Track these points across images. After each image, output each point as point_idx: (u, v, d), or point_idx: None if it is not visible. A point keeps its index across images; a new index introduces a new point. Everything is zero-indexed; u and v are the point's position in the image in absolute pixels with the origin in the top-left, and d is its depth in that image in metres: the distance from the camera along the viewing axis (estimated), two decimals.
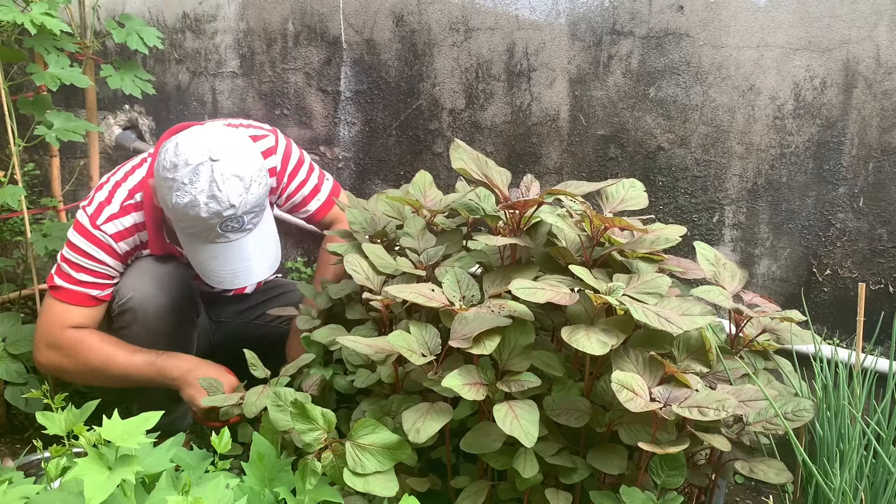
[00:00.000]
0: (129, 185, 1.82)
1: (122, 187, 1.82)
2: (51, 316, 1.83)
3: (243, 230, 1.67)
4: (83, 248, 1.80)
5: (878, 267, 1.96)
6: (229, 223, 1.63)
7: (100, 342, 1.82)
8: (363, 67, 2.34)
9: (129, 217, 1.81)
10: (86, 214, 1.81)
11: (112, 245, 1.81)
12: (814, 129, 1.94)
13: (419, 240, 1.69)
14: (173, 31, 2.54)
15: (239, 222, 1.64)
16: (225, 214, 1.60)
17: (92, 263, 1.81)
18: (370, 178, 2.43)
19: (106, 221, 1.79)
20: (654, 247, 1.50)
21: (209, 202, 1.58)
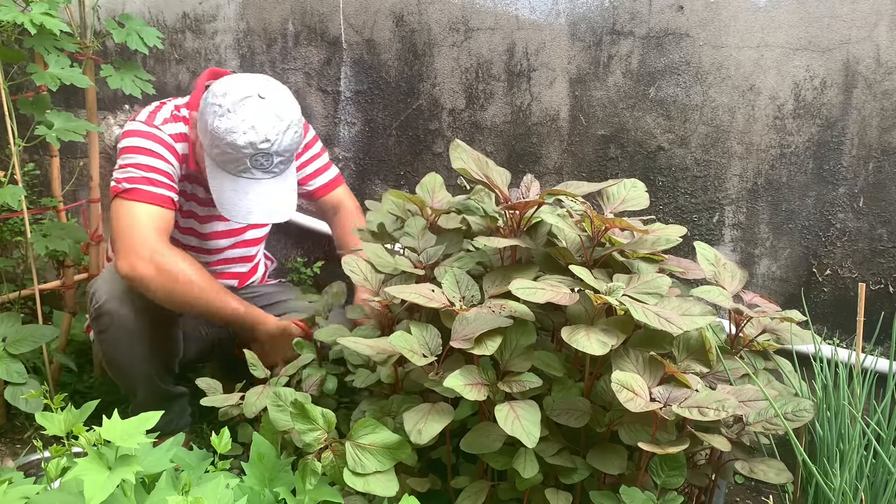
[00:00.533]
0: (175, 102, 1.90)
1: (169, 103, 1.89)
2: (138, 221, 1.76)
3: (270, 171, 1.74)
4: (149, 148, 1.80)
5: (878, 267, 1.96)
6: (259, 158, 1.70)
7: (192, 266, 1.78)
8: (363, 67, 2.34)
9: (179, 124, 1.86)
10: (138, 121, 1.83)
11: (174, 145, 1.84)
12: (814, 129, 1.94)
13: (419, 239, 1.69)
14: (173, 31, 2.54)
15: (268, 160, 1.71)
16: (259, 147, 1.69)
17: (161, 163, 1.81)
18: (370, 178, 2.43)
19: (163, 123, 1.84)
20: (654, 247, 1.50)
21: (248, 131, 1.67)
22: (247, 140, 1.68)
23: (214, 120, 1.69)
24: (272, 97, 1.72)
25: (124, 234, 1.76)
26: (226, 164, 1.73)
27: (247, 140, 1.68)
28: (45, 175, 2.75)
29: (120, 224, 1.77)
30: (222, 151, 1.70)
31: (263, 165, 1.72)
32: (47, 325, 2.12)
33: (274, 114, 1.70)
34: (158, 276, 1.74)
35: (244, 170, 1.72)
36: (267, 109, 1.70)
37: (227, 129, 1.68)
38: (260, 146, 1.69)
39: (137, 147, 1.80)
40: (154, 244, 1.75)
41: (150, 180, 1.78)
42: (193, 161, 1.88)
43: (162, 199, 1.80)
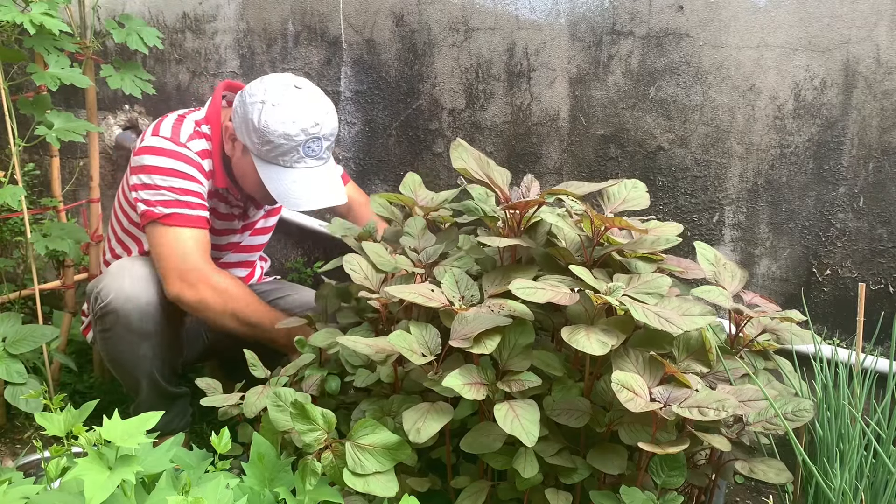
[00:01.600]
0: (194, 118, 1.91)
1: (189, 118, 1.91)
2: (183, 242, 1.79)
3: (319, 157, 1.80)
4: (180, 171, 1.82)
5: (878, 267, 1.96)
6: (311, 144, 1.77)
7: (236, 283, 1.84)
8: (363, 67, 2.34)
9: (202, 140, 1.88)
10: (163, 137, 1.84)
11: (200, 163, 1.86)
12: (814, 129, 1.94)
13: (419, 239, 1.69)
14: (173, 31, 2.54)
15: (318, 145, 1.78)
16: (311, 131, 1.75)
17: (193, 185, 1.83)
18: (370, 178, 2.43)
19: (189, 139, 1.86)
20: (654, 247, 1.50)
21: (297, 118, 1.74)
22: (299, 127, 1.74)
23: (262, 116, 1.73)
24: (306, 87, 1.81)
25: (174, 261, 1.79)
26: (279, 158, 1.76)
27: (299, 127, 1.74)
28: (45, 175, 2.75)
29: (166, 251, 1.80)
30: (275, 145, 1.74)
31: (315, 151, 1.78)
32: (47, 325, 2.12)
33: (315, 100, 1.78)
34: (217, 297, 1.79)
35: (298, 159, 1.77)
36: (307, 97, 1.78)
37: (277, 120, 1.73)
38: (311, 131, 1.75)
39: (169, 169, 1.81)
40: (205, 268, 1.80)
41: (187, 203, 1.81)
42: (222, 177, 1.91)
43: (200, 220, 1.83)
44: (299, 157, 1.78)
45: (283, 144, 1.75)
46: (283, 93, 1.76)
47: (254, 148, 1.78)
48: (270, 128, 1.73)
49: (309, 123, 1.75)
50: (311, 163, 1.80)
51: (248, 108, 1.77)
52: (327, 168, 1.85)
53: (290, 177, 1.79)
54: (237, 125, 1.80)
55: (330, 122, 1.79)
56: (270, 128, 1.73)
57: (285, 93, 1.76)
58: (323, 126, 1.77)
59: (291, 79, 1.81)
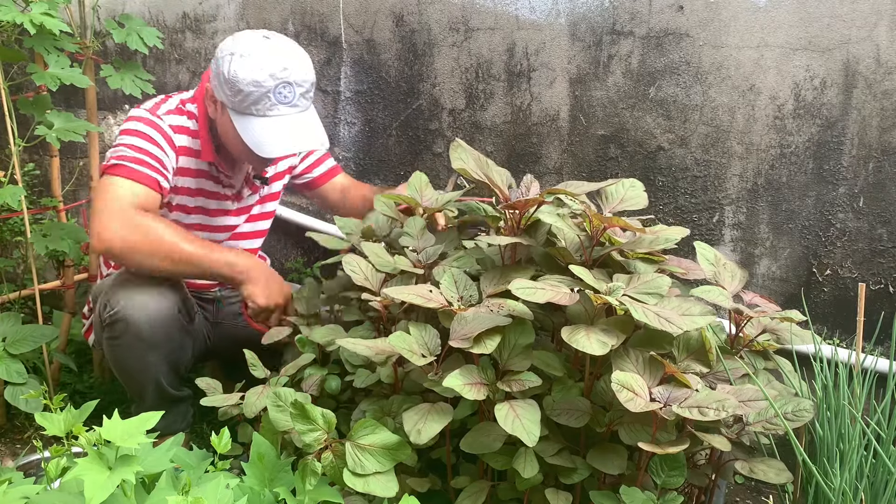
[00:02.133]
0: (181, 96, 1.94)
1: (176, 96, 1.94)
2: (115, 192, 1.78)
3: (293, 104, 1.79)
4: (145, 133, 1.84)
5: (878, 267, 1.96)
6: (282, 90, 1.76)
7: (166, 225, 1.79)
8: (363, 67, 2.34)
9: (184, 117, 1.90)
10: (143, 109, 1.88)
11: (172, 136, 1.87)
12: (814, 129, 1.94)
13: (419, 239, 1.69)
14: (173, 31, 2.54)
15: (290, 91, 1.77)
16: (280, 76, 1.74)
17: (154, 148, 1.83)
18: (370, 178, 2.43)
19: (166, 113, 1.88)
20: (653, 247, 1.50)
21: (264, 65, 1.74)
22: (267, 73, 1.74)
23: (231, 66, 1.75)
24: (276, 37, 1.82)
25: (101, 211, 1.76)
26: (251, 107, 1.77)
27: (267, 73, 1.74)
28: (45, 175, 2.75)
29: (100, 198, 1.79)
30: (246, 93, 1.75)
31: (287, 98, 1.77)
32: (47, 325, 2.12)
33: (284, 47, 1.79)
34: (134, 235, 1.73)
35: (270, 106, 1.77)
36: (276, 45, 1.79)
37: (247, 69, 1.74)
38: (280, 75, 1.74)
39: (134, 130, 1.84)
40: (128, 210, 1.75)
41: (138, 160, 1.81)
42: (209, 152, 1.92)
43: (147, 178, 1.80)
44: (271, 104, 1.77)
45: (252, 92, 1.75)
46: (253, 43, 1.77)
47: (228, 101, 1.79)
48: (239, 76, 1.74)
49: (277, 68, 1.75)
50: (285, 110, 1.79)
51: (219, 62, 1.78)
52: (303, 115, 1.83)
53: (261, 124, 1.78)
54: (213, 83, 1.82)
55: (300, 67, 1.79)
56: (239, 76, 1.74)
57: (254, 43, 1.77)
58: (292, 70, 1.76)
59: (262, 32, 1.82)
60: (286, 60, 1.77)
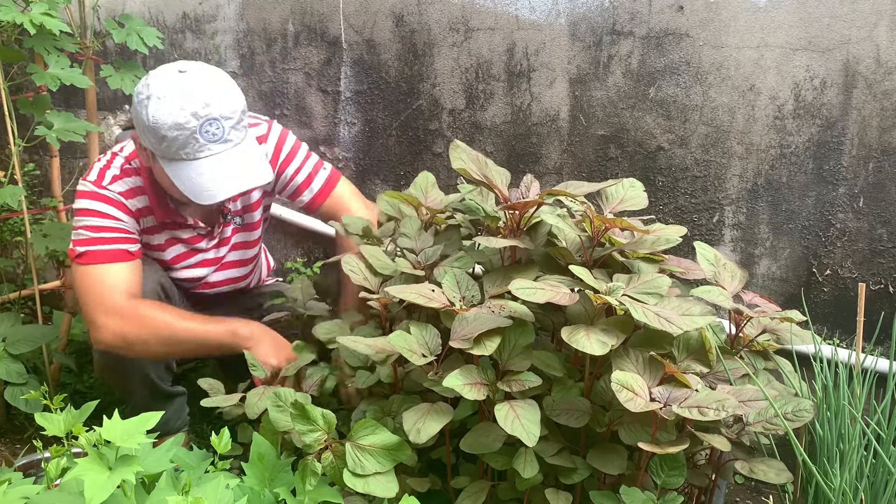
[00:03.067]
0: (125, 154, 1.83)
1: (119, 156, 1.83)
2: (95, 283, 1.73)
3: (224, 141, 1.65)
4: (97, 210, 1.77)
5: (878, 267, 1.96)
6: (208, 128, 1.62)
7: (160, 308, 1.76)
8: (363, 67, 2.34)
9: (130, 178, 1.81)
10: (89, 182, 1.80)
11: (124, 202, 1.79)
12: (814, 129, 1.94)
13: (416, 240, 1.69)
14: (173, 31, 2.54)
15: (219, 128, 1.63)
16: (202, 114, 1.61)
17: (110, 221, 1.77)
18: (370, 178, 2.43)
19: (112, 182, 1.79)
20: (654, 247, 1.50)
21: (184, 104, 1.60)
22: (188, 113, 1.60)
23: (148, 112, 1.62)
24: (192, 68, 1.67)
25: (85, 303, 1.75)
26: (178, 152, 1.64)
27: (188, 113, 1.60)
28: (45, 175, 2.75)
29: (81, 293, 1.76)
30: (171, 139, 1.62)
31: (216, 135, 1.64)
32: (47, 325, 2.12)
33: (201, 80, 1.65)
34: (124, 324, 1.72)
35: (199, 148, 1.64)
36: (193, 79, 1.64)
37: (165, 113, 1.60)
38: (203, 112, 1.61)
39: (86, 210, 1.77)
40: (111, 298, 1.73)
41: (101, 240, 1.75)
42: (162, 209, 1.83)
43: (118, 254, 1.76)
44: (201, 146, 1.63)
45: (177, 136, 1.61)
46: (167, 82, 1.63)
47: (155, 149, 1.66)
48: (160, 121, 1.60)
49: (198, 105, 1.60)
50: (217, 148, 1.65)
51: (138, 109, 1.65)
52: (240, 149, 1.69)
53: (195, 169, 1.65)
54: (137, 130, 1.70)
55: (224, 99, 1.64)
56: (160, 121, 1.60)
57: (169, 81, 1.63)
58: (214, 105, 1.62)
59: (176, 64, 1.68)
60: (206, 95, 1.62)
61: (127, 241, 1.78)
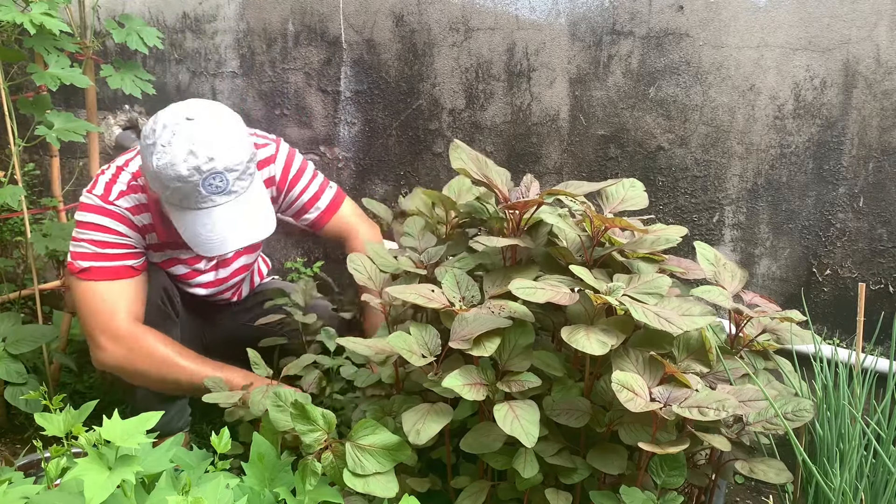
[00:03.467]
0: (131, 170, 1.81)
1: (125, 171, 1.81)
2: (98, 301, 1.72)
3: (229, 192, 1.64)
4: (103, 224, 1.75)
5: (878, 267, 1.96)
6: (212, 181, 1.60)
7: (162, 340, 1.75)
8: (363, 67, 2.34)
9: (136, 195, 1.79)
10: (94, 195, 1.77)
11: (130, 218, 1.77)
12: (814, 129, 1.94)
13: (420, 239, 1.69)
14: (173, 31, 2.54)
15: (223, 181, 1.61)
16: (205, 169, 1.59)
17: (116, 237, 1.75)
18: (370, 178, 2.43)
19: (118, 197, 1.77)
20: (654, 247, 1.50)
21: (188, 158, 1.58)
22: (191, 166, 1.58)
23: (153, 161, 1.61)
24: (201, 115, 1.63)
25: (87, 321, 1.74)
26: (183, 201, 1.63)
27: (191, 166, 1.58)
28: (45, 175, 2.75)
29: (83, 310, 1.75)
30: (174, 189, 1.61)
31: (219, 188, 1.62)
32: (47, 325, 2.12)
33: (208, 131, 1.61)
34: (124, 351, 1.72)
35: (202, 199, 1.62)
36: (199, 129, 1.61)
37: (168, 164, 1.59)
38: (205, 168, 1.59)
39: (92, 224, 1.75)
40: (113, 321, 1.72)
41: (106, 256, 1.74)
42: (164, 229, 1.82)
43: (122, 270, 1.75)
44: (204, 198, 1.62)
45: (180, 187, 1.60)
46: (174, 130, 1.61)
47: (159, 193, 1.66)
48: (163, 172, 1.59)
49: (202, 160, 1.59)
50: (221, 199, 1.63)
51: (144, 152, 1.65)
52: (245, 199, 1.68)
53: (200, 220, 1.64)
54: (143, 170, 1.71)
55: (229, 151, 1.61)
56: (163, 172, 1.59)
57: (176, 129, 1.60)
58: (218, 160, 1.59)
59: (186, 109, 1.64)
60: (210, 149, 1.59)
61: (131, 256, 1.78)
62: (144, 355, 1.73)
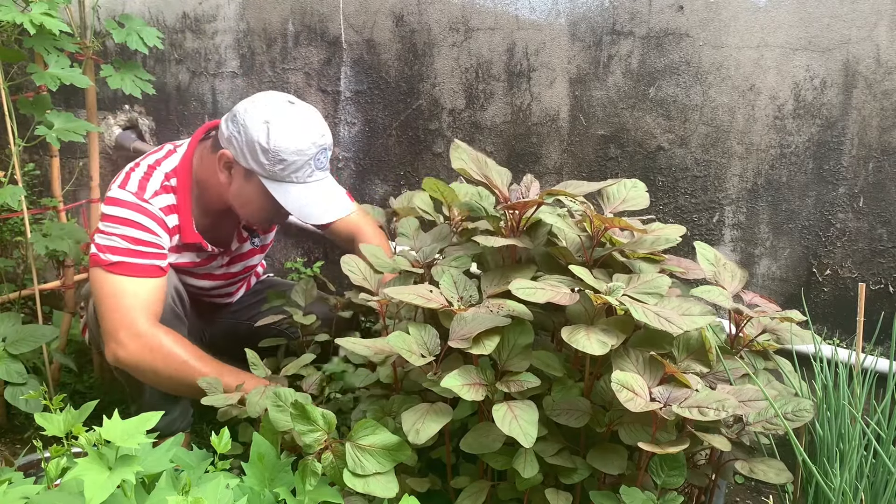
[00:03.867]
0: (164, 170, 1.85)
1: (158, 170, 1.85)
2: (122, 296, 1.73)
3: (325, 168, 1.81)
4: (139, 222, 1.77)
5: (878, 267, 1.96)
6: (320, 157, 1.78)
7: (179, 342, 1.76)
8: (363, 67, 2.34)
9: (168, 195, 1.83)
10: (129, 192, 1.79)
11: (163, 218, 1.81)
12: (814, 129, 1.94)
13: (415, 239, 1.69)
14: (173, 31, 2.54)
15: (325, 156, 1.79)
16: (320, 142, 1.76)
17: (150, 236, 1.78)
18: (370, 178, 2.43)
19: (153, 196, 1.81)
20: (654, 247, 1.50)
21: (307, 131, 1.74)
22: (309, 140, 1.73)
23: (270, 135, 1.71)
24: (298, 101, 1.80)
25: (108, 315, 1.74)
26: (292, 175, 1.75)
27: (309, 140, 1.73)
28: (45, 175, 2.75)
29: (105, 305, 1.74)
30: (289, 162, 1.73)
31: (322, 163, 1.79)
32: (47, 325, 2.12)
33: (312, 112, 1.79)
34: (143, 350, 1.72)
35: (310, 173, 1.77)
36: (305, 111, 1.78)
37: (289, 137, 1.72)
38: (320, 142, 1.76)
39: (125, 219, 1.76)
40: (136, 318, 1.72)
41: (137, 252, 1.75)
42: (191, 232, 1.86)
43: (150, 269, 1.77)
44: (311, 171, 1.77)
45: (296, 161, 1.73)
46: (284, 110, 1.75)
47: (263, 170, 1.74)
48: (282, 145, 1.71)
49: (317, 135, 1.75)
50: (320, 175, 1.80)
51: (250, 131, 1.73)
52: (331, 179, 1.86)
53: (304, 193, 1.78)
54: (238, 151, 1.75)
55: (328, 132, 1.81)
56: (282, 145, 1.71)
57: (285, 110, 1.75)
58: (327, 136, 1.79)
59: (281, 96, 1.80)
60: (320, 126, 1.77)
61: (160, 256, 1.80)
62: (163, 356, 1.73)
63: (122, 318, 1.72)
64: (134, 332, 1.72)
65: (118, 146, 2.71)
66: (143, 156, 1.89)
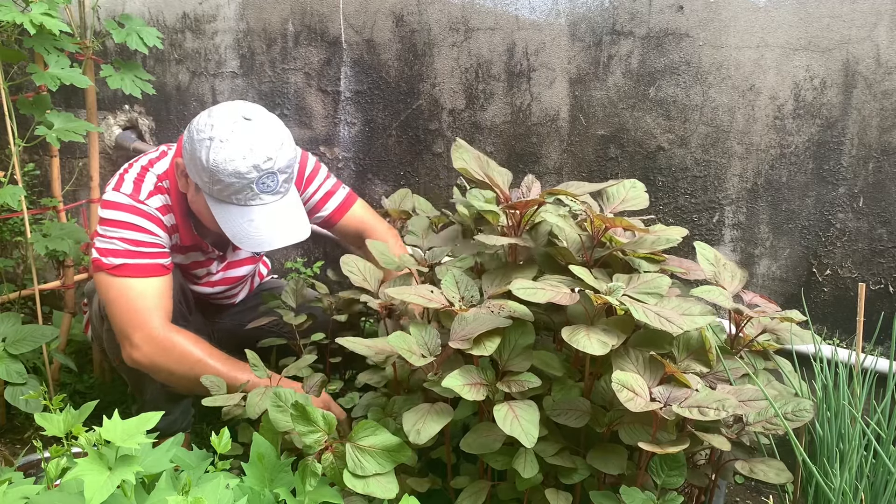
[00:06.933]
0: (157, 171, 1.82)
1: (151, 172, 1.82)
2: (133, 298, 1.72)
3: (276, 192, 1.69)
4: (136, 224, 1.75)
5: (878, 267, 1.96)
6: (266, 180, 1.65)
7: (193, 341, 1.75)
8: (363, 67, 2.34)
9: (163, 196, 1.80)
10: (124, 194, 1.77)
11: (160, 218, 1.79)
12: (814, 129, 1.94)
13: (423, 239, 1.69)
14: (173, 31, 2.54)
15: (274, 181, 1.67)
16: (263, 167, 1.63)
17: (149, 237, 1.76)
18: (370, 178, 2.43)
19: (148, 196, 1.78)
20: (654, 247, 1.50)
21: (247, 154, 1.62)
22: (250, 164, 1.62)
23: (209, 155, 1.63)
24: (257, 116, 1.68)
25: (120, 318, 1.73)
26: (232, 196, 1.66)
27: (250, 164, 1.62)
28: (45, 175, 2.75)
29: (115, 308, 1.74)
30: (226, 184, 1.64)
31: (270, 187, 1.67)
32: (47, 325, 2.12)
33: (266, 131, 1.66)
34: (158, 353, 1.72)
35: (252, 197, 1.67)
36: (257, 129, 1.66)
37: (226, 159, 1.62)
38: (264, 167, 1.64)
39: (124, 222, 1.75)
40: (157, 330, 1.72)
41: (139, 254, 1.74)
42: (187, 234, 1.85)
43: (155, 268, 1.76)
44: (254, 195, 1.66)
45: (234, 183, 1.63)
46: (232, 127, 1.64)
47: (205, 187, 1.68)
48: (220, 167, 1.62)
49: (261, 159, 1.63)
50: (268, 199, 1.68)
51: (195, 145, 1.65)
52: (286, 202, 1.73)
53: (245, 216, 1.68)
54: (186, 162, 1.70)
55: (284, 154, 1.67)
56: (220, 167, 1.62)
57: (234, 127, 1.64)
58: (276, 160, 1.65)
59: (241, 109, 1.69)
60: (269, 149, 1.64)
61: (162, 255, 1.79)
62: (178, 355, 1.72)
63: (134, 320, 1.72)
64: (147, 333, 1.71)
65: (118, 146, 2.71)
66: (136, 157, 1.88)
